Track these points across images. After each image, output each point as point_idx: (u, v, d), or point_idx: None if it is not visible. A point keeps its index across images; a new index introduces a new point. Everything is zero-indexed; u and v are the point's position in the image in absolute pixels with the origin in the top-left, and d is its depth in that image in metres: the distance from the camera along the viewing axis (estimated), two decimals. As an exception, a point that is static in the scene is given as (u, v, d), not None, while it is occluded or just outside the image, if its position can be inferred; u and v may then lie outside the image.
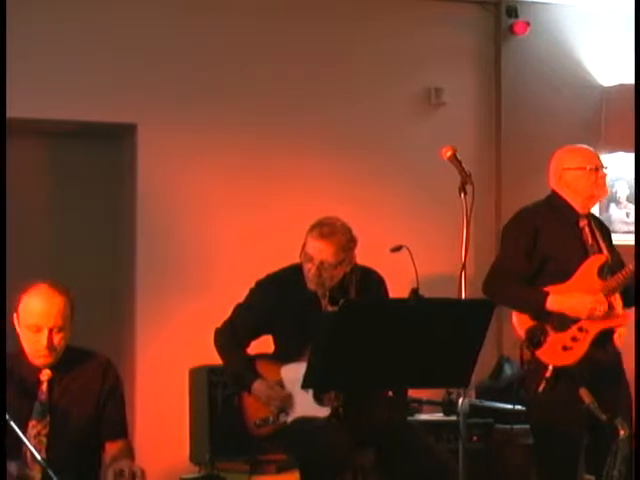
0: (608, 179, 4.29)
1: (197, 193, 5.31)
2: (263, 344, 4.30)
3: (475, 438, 4.70)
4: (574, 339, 4.02)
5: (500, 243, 4.34)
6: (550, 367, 3.98)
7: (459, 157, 3.72)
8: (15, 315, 3.72)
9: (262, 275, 4.24)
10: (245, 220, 5.36)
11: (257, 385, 4.06)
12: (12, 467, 3.47)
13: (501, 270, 4.17)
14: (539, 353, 4.02)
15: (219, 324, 4.29)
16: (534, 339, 4.02)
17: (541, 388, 3.97)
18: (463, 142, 5.35)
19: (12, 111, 5.06)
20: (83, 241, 5.33)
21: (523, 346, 4.05)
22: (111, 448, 3.76)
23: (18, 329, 3.72)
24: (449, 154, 3.71)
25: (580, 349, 4.01)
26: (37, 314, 3.64)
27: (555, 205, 4.21)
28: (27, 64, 5.08)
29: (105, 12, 5.23)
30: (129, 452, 3.80)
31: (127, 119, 5.27)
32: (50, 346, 3.63)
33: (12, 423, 3.18)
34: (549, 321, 4.04)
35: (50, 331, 3.63)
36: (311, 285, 4.01)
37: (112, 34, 5.24)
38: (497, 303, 4.10)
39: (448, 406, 4.79)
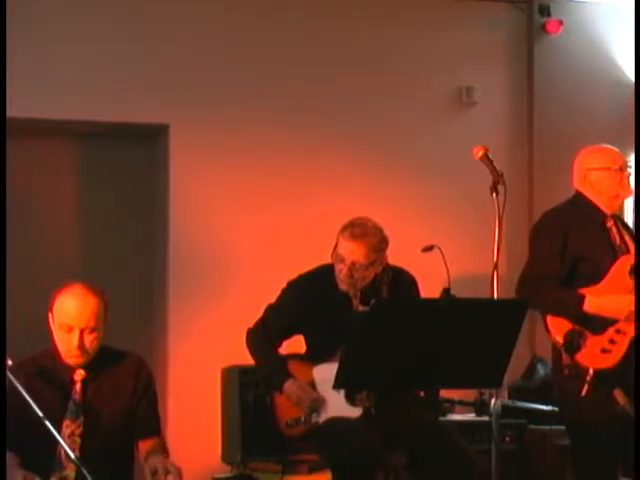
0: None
1: (229, 193, 5.33)
2: (295, 344, 4.30)
3: (508, 439, 4.68)
4: (612, 341, 3.98)
5: (530, 246, 4.30)
6: (591, 371, 3.95)
7: (491, 156, 3.70)
8: (50, 314, 3.75)
9: (294, 275, 4.25)
10: (277, 219, 5.37)
11: (288, 385, 4.06)
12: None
13: (534, 273, 4.13)
14: (579, 357, 3.98)
15: (251, 324, 4.30)
16: (573, 343, 3.98)
17: (584, 392, 3.93)
18: (495, 141, 5.34)
19: (43, 113, 5.12)
20: (116, 242, 5.36)
21: (562, 350, 4.01)
22: (145, 446, 3.78)
23: (52, 328, 3.75)
24: (481, 154, 3.70)
25: (619, 351, 3.97)
26: (70, 314, 3.66)
27: (580, 206, 4.18)
28: (60, 66, 5.12)
29: (138, 14, 5.26)
30: (163, 449, 3.82)
31: (159, 120, 5.30)
32: (81, 346, 3.65)
33: (47, 422, 3.20)
34: (586, 324, 4.00)
35: (82, 332, 3.65)
36: (343, 286, 4.00)
37: (144, 35, 5.27)
38: (533, 308, 4.08)
39: (480, 406, 4.77)
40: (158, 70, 5.27)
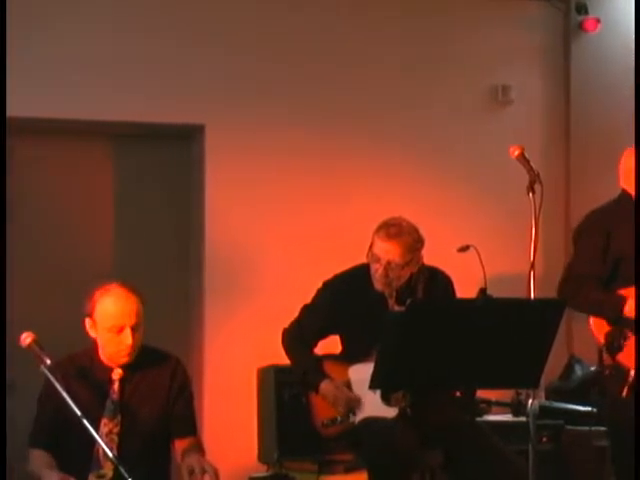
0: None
1: (264, 193, 5.34)
2: (330, 344, 4.31)
3: (545, 440, 4.65)
4: None
5: (573, 246, 4.26)
6: (632, 372, 3.91)
7: (527, 156, 3.68)
8: (89, 320, 3.75)
9: (329, 275, 4.25)
10: (312, 219, 5.37)
11: (324, 386, 4.06)
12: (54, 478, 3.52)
13: (575, 273, 4.09)
14: (620, 357, 3.94)
15: (286, 324, 4.31)
16: (614, 343, 3.94)
17: (625, 393, 3.89)
18: (531, 141, 5.32)
19: (79, 114, 5.15)
20: (151, 242, 5.39)
21: (603, 350, 3.97)
22: (181, 445, 3.80)
23: (93, 333, 3.75)
24: (517, 153, 3.68)
25: None
26: (116, 315, 3.68)
27: (625, 205, 4.13)
28: (96, 67, 5.15)
29: (173, 15, 5.28)
30: (199, 448, 3.84)
31: (195, 120, 5.31)
32: (133, 344, 3.69)
33: (85, 421, 3.22)
34: (627, 324, 3.96)
35: (132, 329, 3.69)
36: (378, 285, 4.00)
37: (179, 36, 5.29)
38: (573, 308, 4.05)
39: (517, 407, 4.74)
40: (193, 71, 5.29)
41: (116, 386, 3.76)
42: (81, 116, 5.16)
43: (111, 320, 3.69)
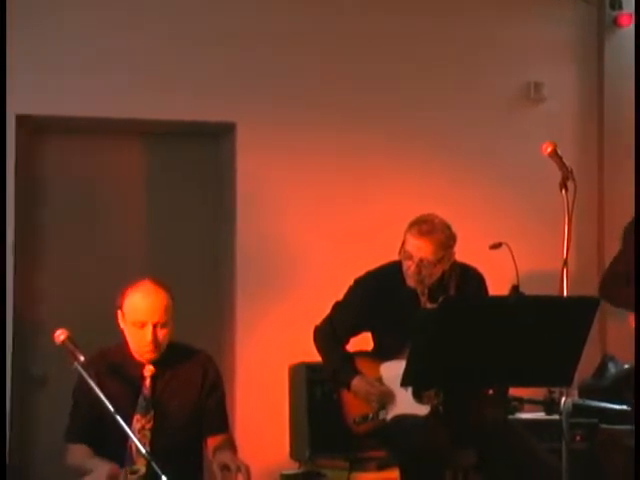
0: None
1: (296, 191, 5.33)
2: (362, 341, 4.30)
3: (578, 438, 4.62)
4: None
5: (622, 244, 4.23)
6: None
7: (560, 153, 3.66)
8: (119, 312, 3.79)
9: (360, 272, 4.25)
10: (344, 218, 5.36)
11: (356, 382, 4.06)
12: (106, 467, 3.53)
13: (615, 271, 4.07)
14: None
15: (318, 321, 4.31)
16: None
17: None
18: (564, 138, 5.28)
19: (112, 111, 5.17)
20: (183, 240, 5.40)
21: None
22: (212, 442, 3.82)
23: (122, 326, 3.80)
24: (550, 150, 3.66)
25: None
26: (142, 310, 3.71)
27: None
28: (126, 64, 5.17)
29: (205, 14, 5.29)
30: (231, 445, 3.85)
31: (226, 118, 5.32)
32: (155, 341, 3.70)
33: (118, 417, 3.24)
34: None
35: (154, 326, 3.70)
36: (411, 282, 3.99)
37: (211, 34, 5.29)
38: (614, 305, 4.02)
39: (550, 405, 4.71)
40: (225, 68, 5.30)
41: (148, 382, 3.78)
42: (114, 114, 5.18)
43: (136, 315, 3.72)
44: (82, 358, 3.43)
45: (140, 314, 3.71)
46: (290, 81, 5.38)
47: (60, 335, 3.51)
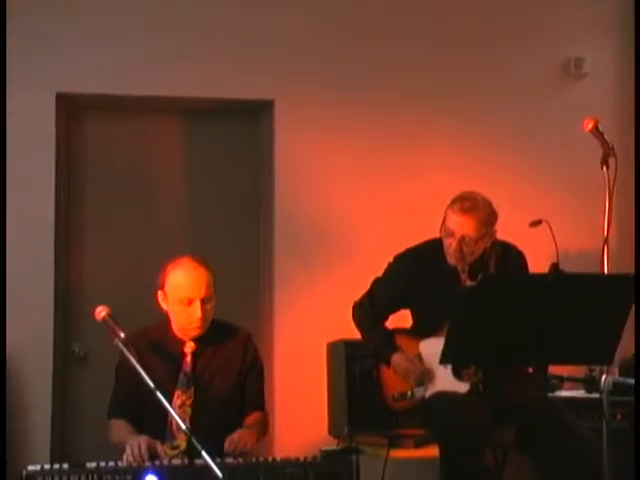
0: None
1: (334, 169, 5.33)
2: (401, 319, 4.30)
3: (619, 417, 4.59)
4: None
5: None
6: None
7: (601, 129, 3.63)
8: (160, 292, 3.81)
9: (398, 250, 4.24)
10: (381, 197, 5.35)
11: (396, 358, 4.06)
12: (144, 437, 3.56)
13: None
14: None
15: (357, 298, 4.31)
16: None
17: None
18: (605, 113, 5.22)
19: (150, 89, 5.19)
20: (222, 218, 5.42)
21: None
22: (248, 420, 3.84)
23: (165, 306, 3.82)
24: (591, 126, 3.63)
25: None
26: (187, 287, 3.74)
27: None
28: (164, 42, 5.19)
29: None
30: (262, 425, 3.86)
31: (264, 95, 5.32)
32: (202, 317, 3.73)
33: (158, 393, 3.27)
34: None
35: (202, 302, 3.73)
36: (451, 260, 3.98)
37: (249, 12, 5.29)
38: None
39: (590, 383, 4.69)
40: (263, 45, 5.30)
41: (189, 359, 3.81)
42: (153, 92, 5.20)
43: (181, 292, 3.74)
44: (122, 335, 3.46)
45: (185, 291, 3.74)
46: (328, 59, 5.37)
47: (101, 312, 3.54)
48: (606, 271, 3.49)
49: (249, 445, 3.58)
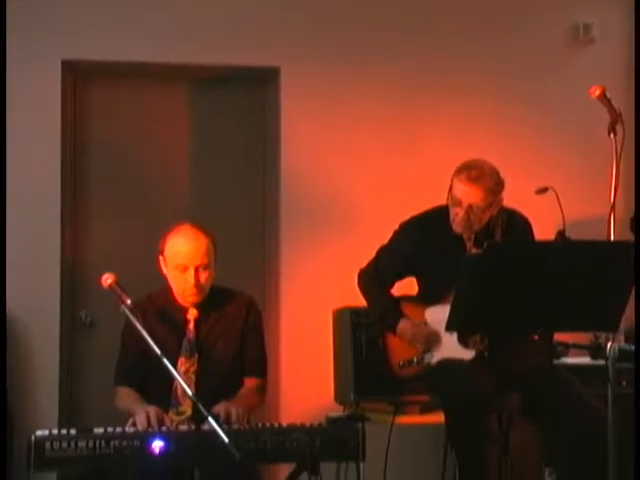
0: None
1: (341, 138, 5.31)
2: (406, 286, 4.31)
3: (624, 383, 4.60)
4: None
5: None
6: None
7: (609, 96, 3.61)
8: (161, 258, 3.83)
9: (404, 218, 4.23)
10: (388, 165, 5.34)
11: (402, 324, 4.06)
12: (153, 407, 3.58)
13: None
14: None
15: (362, 266, 4.31)
16: None
17: None
18: (613, 80, 5.18)
19: (156, 56, 5.17)
20: (228, 185, 5.41)
21: None
22: (246, 384, 3.85)
23: (165, 270, 3.83)
24: (598, 93, 3.61)
25: None
26: (183, 254, 3.75)
27: None
28: (170, 9, 5.17)
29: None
30: (256, 392, 3.86)
31: (270, 62, 5.30)
32: (197, 284, 3.74)
33: (165, 360, 3.28)
34: None
35: (196, 269, 3.74)
36: (458, 229, 3.97)
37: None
38: None
39: (596, 350, 4.69)
40: (269, 12, 5.27)
41: (192, 325, 3.82)
42: (158, 59, 5.19)
43: (178, 259, 3.75)
44: (129, 301, 3.47)
45: (181, 258, 3.75)
46: (335, 26, 5.33)
47: (107, 279, 3.55)
48: (613, 238, 3.48)
49: (233, 417, 3.56)
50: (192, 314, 3.83)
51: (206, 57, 5.23)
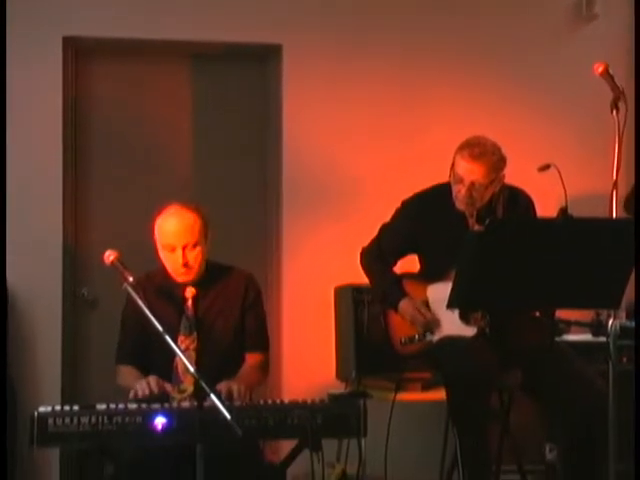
0: None
1: (342, 114, 5.30)
2: (408, 264, 4.31)
3: (625, 360, 4.61)
4: None
5: None
6: None
7: (611, 72, 3.60)
8: (155, 237, 3.84)
9: (407, 195, 4.23)
10: (390, 142, 5.33)
11: (403, 305, 4.07)
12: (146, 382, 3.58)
13: None
14: None
15: (364, 244, 4.32)
16: None
17: None
18: (616, 57, 5.16)
19: (157, 33, 5.16)
20: (230, 162, 5.41)
21: None
22: (248, 360, 3.85)
23: (159, 249, 3.84)
24: (601, 69, 3.60)
25: None
26: (170, 234, 3.75)
27: None
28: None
29: None
30: (260, 368, 3.87)
31: (272, 40, 5.28)
32: (185, 263, 3.74)
33: (167, 337, 3.28)
34: None
35: (184, 249, 3.73)
36: (461, 206, 3.97)
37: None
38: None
39: (597, 327, 4.71)
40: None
41: (190, 303, 3.83)
42: (160, 36, 5.17)
43: (165, 239, 3.77)
44: (131, 279, 3.47)
45: (168, 238, 3.75)
46: (338, 4, 5.31)
47: (109, 256, 3.56)
48: (615, 215, 3.48)
49: (235, 395, 3.57)
50: (190, 292, 3.83)
51: (207, 34, 5.21)
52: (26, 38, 5.00)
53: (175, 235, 3.74)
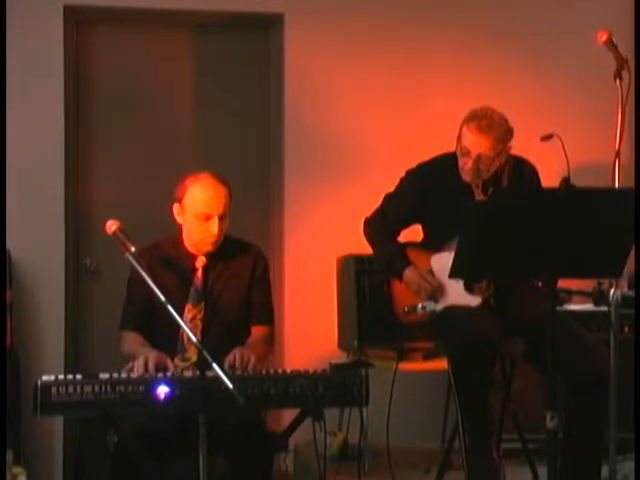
0: None
1: (345, 84, 5.28)
2: (411, 233, 4.30)
3: (627, 329, 4.62)
4: None
5: None
6: None
7: (615, 41, 3.58)
8: (177, 205, 3.82)
9: (411, 166, 4.22)
10: (393, 112, 5.31)
11: (408, 273, 4.05)
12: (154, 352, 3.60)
13: None
14: None
15: (367, 214, 4.31)
16: None
17: None
18: (620, 25, 5.12)
19: (158, 2, 5.14)
20: (231, 132, 5.40)
21: None
22: (254, 332, 3.87)
23: (180, 219, 3.82)
24: (604, 38, 3.59)
25: None
26: (205, 203, 3.74)
27: None
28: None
29: None
30: (266, 341, 3.89)
31: (274, 9, 5.26)
32: (219, 233, 3.75)
33: (169, 307, 3.29)
34: None
35: (219, 219, 3.75)
36: (467, 178, 3.95)
37: None
38: None
39: (599, 296, 4.71)
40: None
41: (199, 273, 3.84)
42: (161, 5, 5.15)
43: (199, 207, 3.75)
44: (133, 249, 3.47)
45: (203, 206, 3.75)
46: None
47: (111, 226, 3.55)
48: (617, 185, 3.47)
49: (251, 362, 3.59)
50: (201, 261, 3.84)
51: (209, 3, 5.19)
52: (27, 6, 4.98)
53: (211, 204, 3.74)
